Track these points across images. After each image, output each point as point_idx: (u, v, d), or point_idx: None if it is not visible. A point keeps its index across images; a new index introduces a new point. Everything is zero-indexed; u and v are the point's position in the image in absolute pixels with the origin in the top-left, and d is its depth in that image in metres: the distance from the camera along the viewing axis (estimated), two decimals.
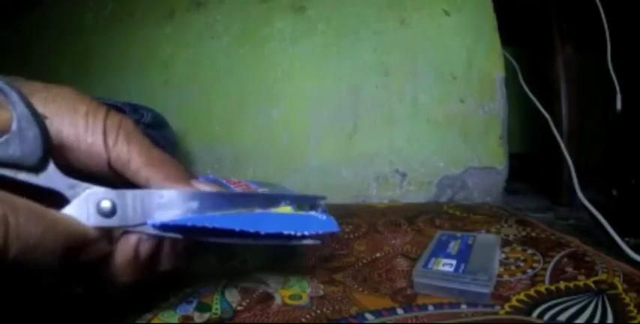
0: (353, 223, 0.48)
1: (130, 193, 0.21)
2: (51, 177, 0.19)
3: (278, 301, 0.30)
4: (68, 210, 0.19)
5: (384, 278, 0.33)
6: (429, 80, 0.63)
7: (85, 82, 0.73)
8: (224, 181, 0.32)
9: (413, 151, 0.62)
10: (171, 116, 0.61)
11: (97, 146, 0.21)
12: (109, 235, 0.22)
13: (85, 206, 0.20)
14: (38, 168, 0.19)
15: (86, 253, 0.20)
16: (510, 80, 0.66)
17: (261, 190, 0.31)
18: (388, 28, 0.64)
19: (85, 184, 0.20)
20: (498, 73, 0.62)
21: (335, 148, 0.63)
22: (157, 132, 0.54)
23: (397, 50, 0.64)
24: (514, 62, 0.73)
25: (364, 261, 0.37)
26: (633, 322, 0.25)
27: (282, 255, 0.39)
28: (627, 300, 0.28)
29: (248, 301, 0.30)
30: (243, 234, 0.22)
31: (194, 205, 0.22)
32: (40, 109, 0.20)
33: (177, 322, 0.27)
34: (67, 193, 0.19)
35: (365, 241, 0.42)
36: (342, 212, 0.51)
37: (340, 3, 0.66)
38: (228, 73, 0.68)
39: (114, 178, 0.23)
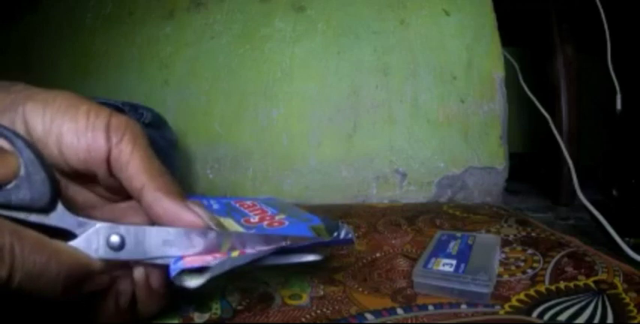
0: (353, 223, 0.48)
1: (138, 229, 0.22)
2: (61, 217, 0.20)
3: (278, 301, 0.30)
4: (76, 242, 0.20)
5: (384, 278, 0.33)
6: (429, 80, 0.63)
7: (85, 82, 0.73)
8: (235, 205, 0.32)
9: (413, 151, 0.62)
10: (171, 116, 0.61)
11: (97, 141, 0.21)
12: (112, 271, 0.22)
13: (96, 239, 0.21)
14: (48, 209, 0.20)
15: (89, 284, 0.21)
16: (510, 80, 0.66)
17: (278, 217, 0.30)
18: (388, 28, 0.64)
19: (93, 222, 0.21)
20: (498, 73, 0.62)
21: (335, 148, 0.63)
22: (156, 132, 0.54)
23: (397, 50, 0.64)
24: (514, 62, 0.73)
25: (364, 261, 0.37)
26: (633, 322, 0.25)
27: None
28: (627, 300, 0.28)
29: (248, 301, 0.30)
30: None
31: (199, 242, 0.22)
32: (41, 109, 0.21)
33: (177, 322, 0.27)
34: (77, 230, 0.21)
35: (365, 241, 0.42)
36: (342, 212, 0.51)
37: (340, 3, 0.66)
38: (228, 73, 0.68)
39: (107, 178, 0.23)
